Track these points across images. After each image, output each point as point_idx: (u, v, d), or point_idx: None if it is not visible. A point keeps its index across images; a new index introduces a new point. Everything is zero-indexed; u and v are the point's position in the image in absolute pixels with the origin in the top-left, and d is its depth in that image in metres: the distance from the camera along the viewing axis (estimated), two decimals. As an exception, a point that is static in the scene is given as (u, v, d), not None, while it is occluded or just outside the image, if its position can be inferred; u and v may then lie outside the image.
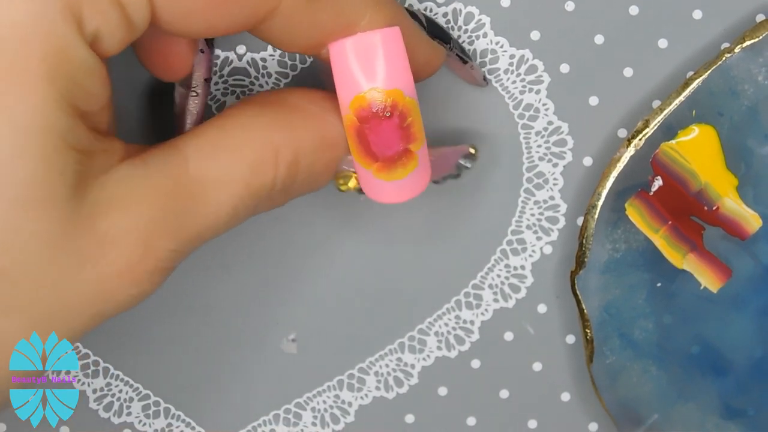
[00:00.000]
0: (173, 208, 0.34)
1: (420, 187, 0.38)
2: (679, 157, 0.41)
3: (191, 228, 0.34)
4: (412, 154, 0.37)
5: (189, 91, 0.40)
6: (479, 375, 0.45)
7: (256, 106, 0.36)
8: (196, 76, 0.40)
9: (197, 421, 0.45)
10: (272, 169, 0.35)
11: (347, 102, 0.36)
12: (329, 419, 0.45)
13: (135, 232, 0.33)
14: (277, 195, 0.36)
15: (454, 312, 0.45)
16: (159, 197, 0.33)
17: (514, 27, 0.43)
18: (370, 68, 0.36)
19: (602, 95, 0.43)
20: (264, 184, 0.35)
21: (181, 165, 0.34)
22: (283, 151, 0.36)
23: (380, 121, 0.36)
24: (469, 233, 0.44)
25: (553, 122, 0.43)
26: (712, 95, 0.42)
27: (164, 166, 0.34)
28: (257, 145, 0.35)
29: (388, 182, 0.37)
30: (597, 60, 0.43)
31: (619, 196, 0.42)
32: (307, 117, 0.37)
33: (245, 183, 0.35)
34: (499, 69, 0.43)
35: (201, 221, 0.34)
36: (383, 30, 0.36)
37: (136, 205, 0.33)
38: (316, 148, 0.36)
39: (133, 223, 0.33)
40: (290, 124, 0.36)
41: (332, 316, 0.44)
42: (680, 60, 0.43)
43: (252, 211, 0.36)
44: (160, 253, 0.33)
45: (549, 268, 0.44)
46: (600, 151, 0.44)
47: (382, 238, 0.44)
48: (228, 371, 0.45)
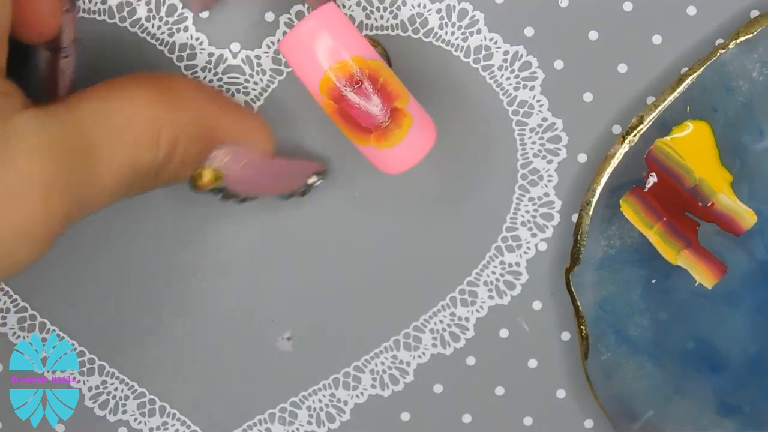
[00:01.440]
0: (71, 166, 0.33)
1: (428, 140, 0.38)
2: (674, 153, 0.41)
3: (84, 191, 0.34)
4: (401, 112, 0.37)
5: (59, 53, 0.39)
6: (474, 372, 0.45)
7: (143, 83, 0.36)
8: (65, 36, 0.39)
9: (192, 419, 0.45)
10: (154, 148, 0.36)
11: (317, 90, 0.36)
12: (325, 418, 0.45)
13: (37, 187, 0.32)
14: (152, 176, 0.36)
15: (449, 309, 0.44)
16: (61, 152, 0.33)
17: (508, 23, 0.43)
18: (320, 50, 0.36)
19: (596, 91, 0.43)
20: (145, 161, 0.35)
21: (78, 125, 0.34)
22: (165, 132, 0.35)
23: (354, 94, 0.36)
24: (463, 230, 0.44)
25: (547, 119, 0.43)
26: (707, 91, 0.42)
27: (65, 122, 0.34)
28: (143, 120, 0.35)
29: (394, 148, 0.37)
30: (591, 56, 0.43)
31: (614, 192, 0.42)
32: (191, 103, 0.37)
33: (130, 156, 0.35)
34: (494, 65, 0.43)
35: (92, 185, 0.34)
36: (316, 11, 0.36)
37: (39, 157, 0.32)
38: (194, 135, 0.37)
39: (37, 176, 0.32)
40: (174, 107, 0.36)
41: (327, 314, 0.44)
42: (674, 56, 0.43)
43: (129, 188, 0.36)
44: (57, 214, 0.33)
45: (544, 265, 0.44)
46: (594, 147, 0.43)
47: (376, 236, 0.44)
48: (223, 370, 0.45)
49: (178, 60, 0.43)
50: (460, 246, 0.44)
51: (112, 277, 0.44)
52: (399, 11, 0.43)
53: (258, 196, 0.41)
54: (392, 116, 0.37)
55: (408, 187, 0.43)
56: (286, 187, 0.39)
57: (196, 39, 0.43)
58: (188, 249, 0.44)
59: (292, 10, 0.42)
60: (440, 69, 0.43)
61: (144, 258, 0.44)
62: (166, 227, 0.44)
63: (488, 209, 0.44)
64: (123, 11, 0.43)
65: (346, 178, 0.43)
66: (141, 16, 0.43)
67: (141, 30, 0.43)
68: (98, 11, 0.42)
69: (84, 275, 0.44)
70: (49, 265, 0.44)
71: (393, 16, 0.43)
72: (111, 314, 0.44)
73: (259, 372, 0.45)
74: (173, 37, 0.43)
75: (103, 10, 0.42)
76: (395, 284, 0.44)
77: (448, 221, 0.44)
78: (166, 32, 0.43)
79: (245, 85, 0.43)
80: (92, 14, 0.42)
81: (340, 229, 0.44)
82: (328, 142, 0.43)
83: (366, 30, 0.43)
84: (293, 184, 0.40)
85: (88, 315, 0.44)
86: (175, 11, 0.43)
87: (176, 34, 0.43)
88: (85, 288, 0.44)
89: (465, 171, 0.43)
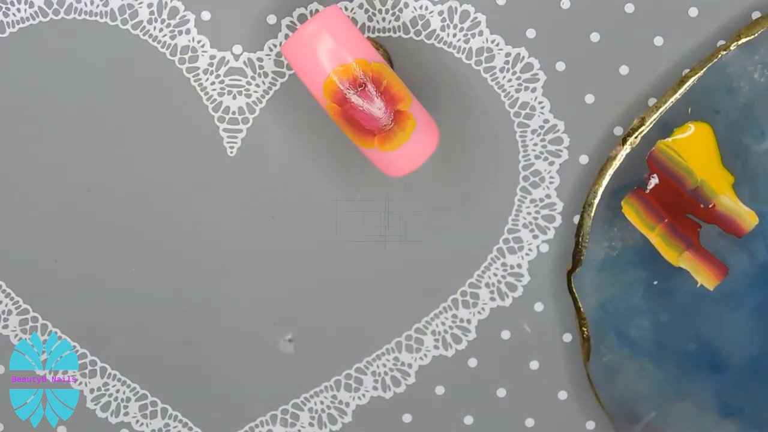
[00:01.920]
0: None
1: (431, 143, 0.38)
2: (675, 154, 0.41)
3: None
4: (405, 114, 0.37)
5: None
6: (476, 374, 0.45)
7: None
8: None
9: (194, 421, 0.45)
10: None
11: (320, 92, 0.36)
12: (326, 419, 0.45)
13: None
14: None
15: (451, 311, 0.44)
16: None
17: (510, 25, 0.43)
18: (323, 53, 0.36)
19: (598, 93, 0.43)
20: None
21: None
22: None
23: (357, 96, 0.36)
24: (465, 232, 0.44)
25: (549, 120, 0.43)
26: (708, 93, 0.42)
27: None
28: None
29: (397, 151, 0.37)
30: (592, 58, 0.43)
31: (615, 194, 0.42)
32: None
33: None
34: (495, 67, 0.43)
35: None
36: (319, 14, 0.36)
37: None
38: None
39: None
40: None
41: (329, 316, 0.44)
42: (676, 57, 0.43)
43: None
44: None
45: (545, 266, 0.44)
46: (596, 148, 0.43)
47: (378, 238, 0.44)
48: (225, 371, 0.45)
49: (179, 62, 0.43)
50: (461, 247, 0.44)
51: (114, 280, 0.44)
52: (401, 13, 0.43)
53: None
54: (395, 119, 0.37)
55: (409, 189, 0.43)
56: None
57: (198, 41, 0.43)
58: (190, 251, 0.44)
59: (294, 13, 0.42)
60: (442, 71, 0.43)
61: (146, 261, 0.44)
62: (168, 229, 0.44)
63: (490, 211, 0.44)
64: (125, 14, 0.43)
65: (347, 181, 0.43)
66: (143, 19, 0.43)
67: (143, 32, 0.43)
68: (100, 14, 0.43)
69: (86, 278, 0.44)
70: (51, 268, 0.44)
71: (395, 18, 0.43)
72: (113, 317, 0.44)
73: (261, 374, 0.45)
74: (175, 39, 0.43)
75: (105, 13, 0.43)
76: (397, 286, 0.44)
77: (450, 223, 0.44)
78: (168, 35, 0.43)
79: (247, 88, 0.43)
80: (94, 17, 0.42)
81: (342, 231, 0.44)
82: (330, 145, 0.43)
83: (368, 32, 0.43)
84: None
85: (90, 317, 0.44)
86: (176, 14, 0.43)
87: (178, 36, 0.43)
88: (87, 291, 0.44)
89: (467, 173, 0.43)
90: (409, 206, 0.44)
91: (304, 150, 0.43)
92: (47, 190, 0.43)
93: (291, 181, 0.44)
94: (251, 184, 0.44)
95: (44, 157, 0.43)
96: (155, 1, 0.42)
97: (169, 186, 0.43)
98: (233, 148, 0.43)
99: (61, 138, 0.43)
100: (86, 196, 0.44)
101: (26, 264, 0.44)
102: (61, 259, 0.44)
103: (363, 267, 0.44)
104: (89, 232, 0.44)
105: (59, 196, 0.43)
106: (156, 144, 0.43)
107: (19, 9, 0.43)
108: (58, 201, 0.44)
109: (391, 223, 0.44)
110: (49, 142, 0.43)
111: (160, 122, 0.43)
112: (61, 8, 0.43)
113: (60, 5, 0.43)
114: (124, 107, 0.43)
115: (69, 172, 0.43)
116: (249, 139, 0.43)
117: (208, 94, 0.43)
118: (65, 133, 0.43)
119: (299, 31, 0.36)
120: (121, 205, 0.43)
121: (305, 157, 0.43)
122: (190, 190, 0.43)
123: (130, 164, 0.43)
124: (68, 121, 0.43)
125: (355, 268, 0.44)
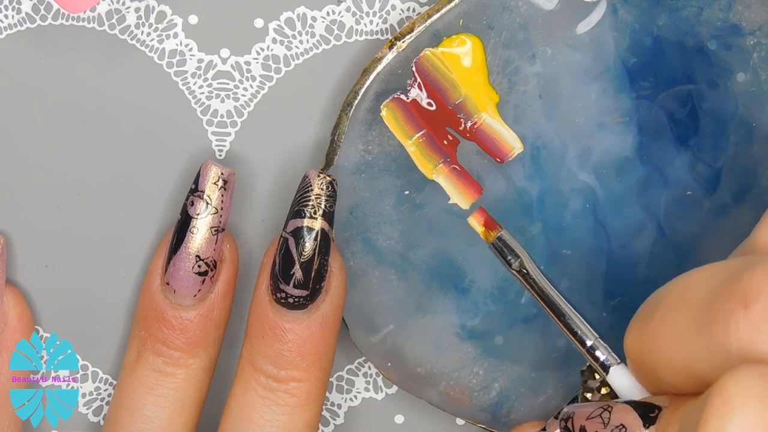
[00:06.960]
0: None
1: None
2: (442, 65, 0.40)
3: None
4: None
5: None
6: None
7: None
8: None
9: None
10: None
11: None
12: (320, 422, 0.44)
13: None
14: None
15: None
16: None
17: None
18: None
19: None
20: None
21: None
22: None
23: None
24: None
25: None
26: (485, 7, 0.41)
27: None
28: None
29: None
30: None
31: (379, 97, 0.41)
32: None
33: None
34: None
35: None
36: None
37: None
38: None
39: None
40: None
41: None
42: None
43: None
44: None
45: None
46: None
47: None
48: (217, 374, 0.43)
49: (167, 66, 0.43)
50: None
51: (105, 284, 0.44)
52: (388, 16, 0.42)
53: None
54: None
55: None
56: None
57: (186, 45, 0.43)
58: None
59: (281, 17, 0.42)
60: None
61: (140, 264, 0.44)
62: (158, 233, 0.44)
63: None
64: (112, 18, 0.42)
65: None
66: (130, 23, 0.43)
67: (131, 37, 0.43)
68: (87, 19, 0.42)
69: (76, 283, 0.44)
70: (43, 273, 0.44)
71: (382, 21, 0.42)
72: (104, 321, 0.44)
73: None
74: (163, 43, 0.43)
75: (92, 18, 0.42)
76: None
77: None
78: (155, 39, 0.43)
79: (235, 92, 0.43)
80: (81, 22, 0.42)
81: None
82: (317, 150, 0.43)
83: (356, 35, 0.42)
84: None
85: (81, 321, 0.44)
86: (164, 18, 0.43)
87: (165, 40, 0.43)
88: (77, 295, 0.44)
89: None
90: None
91: (291, 154, 0.43)
92: (36, 196, 0.43)
93: (279, 185, 0.43)
94: (240, 187, 0.43)
95: (33, 162, 0.43)
96: (142, 6, 0.42)
97: (159, 190, 0.43)
98: (222, 151, 0.43)
99: (50, 143, 0.43)
100: (76, 201, 0.43)
101: (18, 269, 0.44)
102: (51, 263, 0.44)
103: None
104: (78, 237, 0.43)
105: (48, 200, 0.43)
106: (145, 148, 0.43)
107: (6, 15, 0.42)
108: (47, 206, 0.43)
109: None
110: (37, 148, 0.43)
111: (148, 126, 0.43)
112: (49, 14, 0.42)
113: (47, 11, 0.42)
114: (112, 112, 0.43)
115: (58, 177, 0.43)
116: (237, 142, 0.43)
117: (196, 98, 0.43)
118: (53, 139, 0.43)
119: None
120: (111, 210, 0.43)
121: (293, 160, 0.43)
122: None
123: (119, 168, 0.43)
124: (56, 126, 0.43)
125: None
